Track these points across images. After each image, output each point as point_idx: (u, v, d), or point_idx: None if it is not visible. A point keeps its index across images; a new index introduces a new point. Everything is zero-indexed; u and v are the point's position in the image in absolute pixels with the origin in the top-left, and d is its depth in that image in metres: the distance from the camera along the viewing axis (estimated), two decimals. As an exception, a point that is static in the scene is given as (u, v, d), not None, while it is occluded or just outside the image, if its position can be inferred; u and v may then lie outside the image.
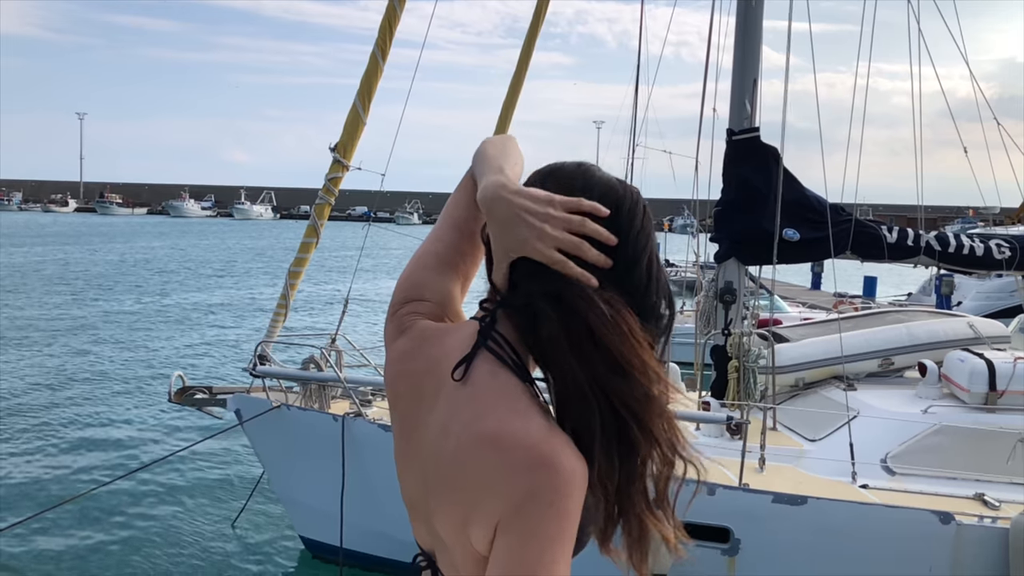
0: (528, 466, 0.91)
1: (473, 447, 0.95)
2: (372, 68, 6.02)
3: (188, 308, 22.30)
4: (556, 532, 0.91)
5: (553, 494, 0.90)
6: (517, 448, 0.92)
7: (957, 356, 6.04)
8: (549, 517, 0.91)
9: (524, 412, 0.95)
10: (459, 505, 0.96)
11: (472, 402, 0.97)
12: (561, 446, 0.93)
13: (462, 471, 0.96)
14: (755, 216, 6.57)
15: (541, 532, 0.91)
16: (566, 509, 0.91)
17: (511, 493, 0.91)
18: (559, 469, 0.91)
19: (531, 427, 0.93)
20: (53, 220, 79.75)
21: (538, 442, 0.92)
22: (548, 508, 0.90)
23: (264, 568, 6.43)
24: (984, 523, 4.72)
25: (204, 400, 6.20)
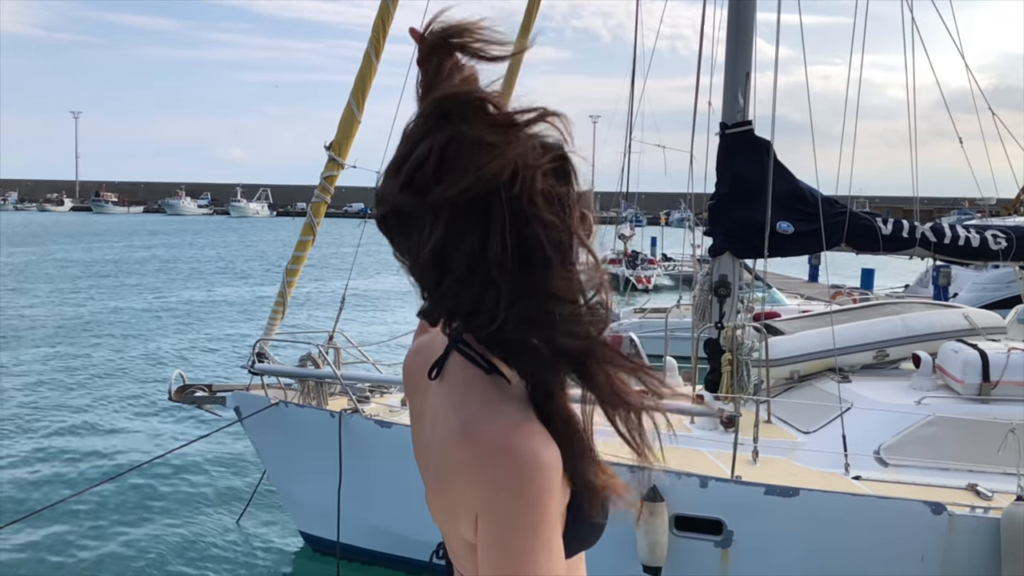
0: (493, 456, 0.92)
1: (449, 439, 0.97)
2: (366, 67, 6.04)
3: (187, 306, 22.32)
4: (530, 522, 0.90)
5: (519, 484, 0.91)
6: (483, 439, 0.93)
7: (951, 347, 6.08)
8: (518, 508, 0.91)
9: (494, 404, 0.96)
10: (446, 495, 0.99)
11: (449, 397, 1.00)
12: (528, 435, 0.93)
13: (445, 463, 0.98)
14: (749, 209, 6.60)
15: (515, 523, 0.91)
16: (535, 498, 0.91)
17: (481, 484, 0.93)
18: (522, 458, 0.91)
19: (498, 418, 0.95)
20: (50, 219, 79.60)
21: (501, 432, 0.93)
22: (517, 499, 0.91)
23: (266, 563, 6.48)
24: (976, 513, 4.76)
25: (204, 398, 6.24)
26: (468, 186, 0.88)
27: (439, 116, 0.92)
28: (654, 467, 1.07)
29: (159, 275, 30.78)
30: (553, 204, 0.91)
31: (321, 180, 6.21)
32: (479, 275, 0.90)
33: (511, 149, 0.89)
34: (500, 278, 0.90)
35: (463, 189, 0.88)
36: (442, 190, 0.88)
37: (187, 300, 23.68)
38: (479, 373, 0.99)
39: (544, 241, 0.90)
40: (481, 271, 0.90)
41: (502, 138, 0.89)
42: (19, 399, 11.45)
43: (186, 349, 15.90)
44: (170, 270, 32.86)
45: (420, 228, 0.91)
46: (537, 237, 0.90)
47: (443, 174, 0.89)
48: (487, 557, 0.93)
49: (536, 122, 0.92)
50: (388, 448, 5.59)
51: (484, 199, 0.88)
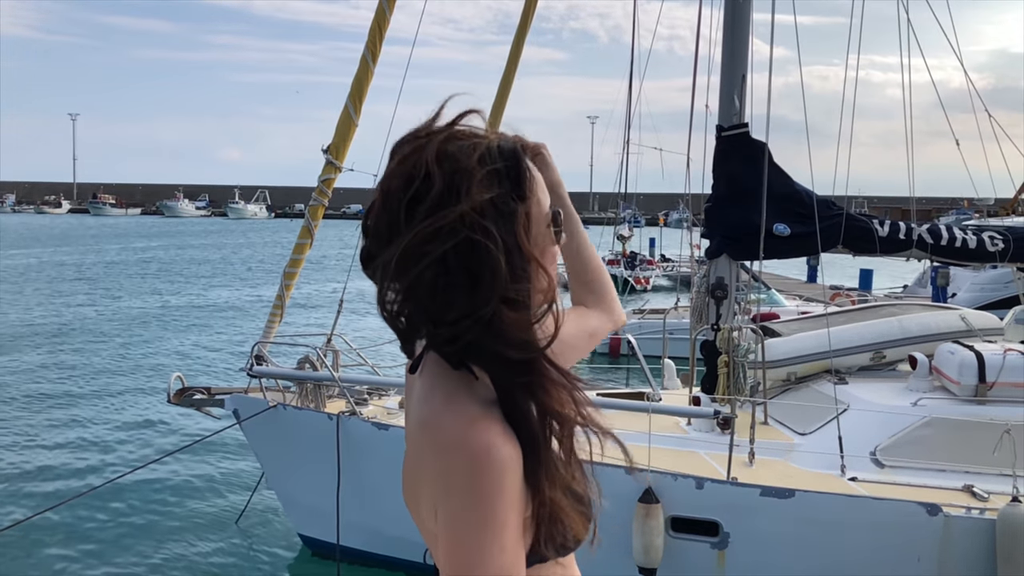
0: (445, 448, 0.93)
1: (414, 431, 1.01)
2: (363, 70, 6.06)
3: (186, 309, 22.32)
4: (478, 517, 0.90)
5: (468, 478, 0.91)
6: (440, 431, 0.94)
7: (947, 348, 6.09)
8: (468, 502, 0.91)
9: (456, 398, 0.96)
10: (414, 487, 1.02)
11: (420, 391, 1.02)
12: (483, 430, 0.93)
13: (411, 455, 1.02)
14: (745, 211, 6.62)
15: (464, 516, 0.91)
16: (484, 494, 0.90)
17: (437, 476, 0.94)
18: (474, 452, 0.91)
19: (457, 412, 0.95)
20: (48, 222, 79.56)
21: (457, 426, 0.93)
22: (466, 492, 0.91)
23: (265, 566, 6.49)
24: (972, 514, 4.78)
25: (203, 400, 6.25)
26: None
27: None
28: (647, 469, 1.09)
29: (158, 277, 30.76)
30: (500, 217, 0.93)
31: (319, 183, 6.24)
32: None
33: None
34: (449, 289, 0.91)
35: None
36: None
37: (186, 302, 23.67)
38: (447, 368, 0.99)
39: (488, 255, 0.91)
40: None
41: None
42: (18, 402, 11.45)
43: (185, 351, 15.90)
44: (169, 272, 32.85)
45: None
46: (484, 249, 0.91)
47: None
48: (443, 548, 0.94)
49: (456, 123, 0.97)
50: (386, 450, 5.60)
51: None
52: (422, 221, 0.90)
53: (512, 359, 0.95)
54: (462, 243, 0.90)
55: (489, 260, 0.90)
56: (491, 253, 0.90)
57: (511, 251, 0.92)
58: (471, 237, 0.89)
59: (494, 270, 0.90)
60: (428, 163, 0.93)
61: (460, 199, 0.90)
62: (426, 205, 0.91)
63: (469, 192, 0.91)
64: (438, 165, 0.92)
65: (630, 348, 6.75)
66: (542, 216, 1.00)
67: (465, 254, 0.90)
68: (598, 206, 43.53)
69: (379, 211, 0.95)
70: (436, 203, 0.91)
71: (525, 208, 0.96)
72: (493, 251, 0.90)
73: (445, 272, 0.90)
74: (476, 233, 0.90)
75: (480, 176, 0.92)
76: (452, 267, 0.90)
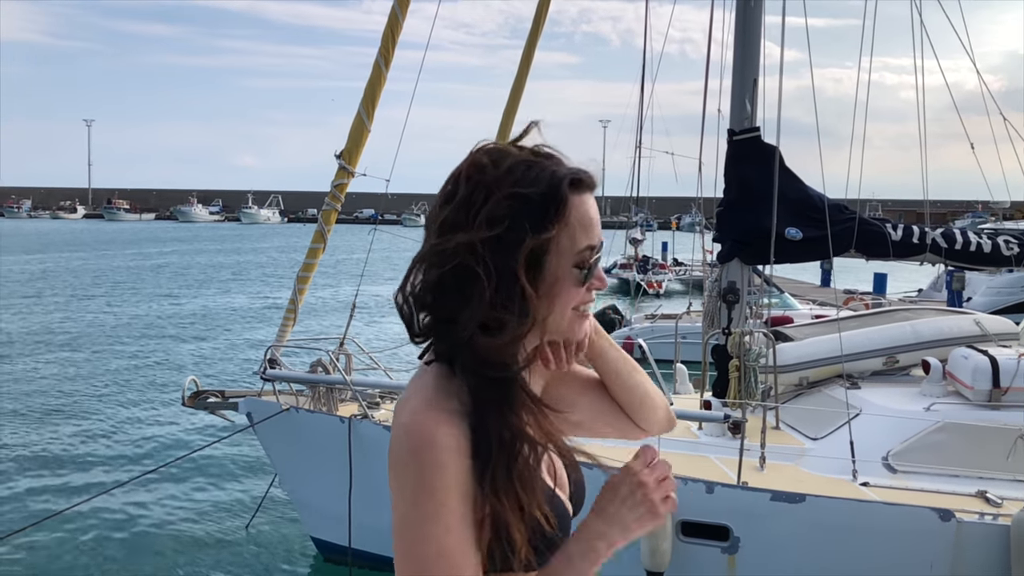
0: (396, 430, 1.00)
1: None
2: (376, 76, 6.10)
3: (200, 313, 22.48)
4: (412, 494, 0.95)
5: (406, 455, 0.97)
6: (399, 415, 1.02)
7: (961, 353, 6.04)
8: (406, 479, 0.96)
9: (422, 387, 1.03)
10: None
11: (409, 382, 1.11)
12: (430, 415, 0.98)
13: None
14: (757, 215, 6.60)
15: (402, 493, 0.97)
16: (420, 472, 0.95)
17: (391, 458, 1.00)
18: (414, 434, 0.97)
19: (416, 399, 1.01)
20: (64, 227, 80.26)
21: (410, 410, 1.00)
22: (404, 469, 0.96)
23: (277, 569, 6.52)
24: (985, 520, 4.73)
25: (217, 404, 6.30)
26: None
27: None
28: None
29: (173, 282, 30.99)
30: (501, 248, 0.97)
31: (332, 188, 6.28)
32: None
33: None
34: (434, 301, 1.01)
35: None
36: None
37: (200, 307, 23.83)
38: (439, 371, 1.05)
39: (476, 281, 0.97)
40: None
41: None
42: (34, 404, 11.57)
43: (200, 355, 16.02)
44: (183, 277, 33.08)
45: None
46: (474, 275, 0.96)
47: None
48: (393, 528, 1.00)
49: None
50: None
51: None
52: (436, 237, 0.99)
53: (486, 375, 1.00)
54: (458, 266, 0.96)
55: (476, 286, 0.96)
56: (479, 281, 0.96)
57: (502, 279, 0.97)
58: (465, 262, 0.96)
59: (479, 296, 0.96)
60: (462, 170, 1.01)
61: (476, 213, 0.97)
62: (448, 210, 0.99)
63: (485, 206, 0.97)
64: (467, 175, 1.00)
65: (641, 352, 6.74)
66: (571, 251, 1.02)
67: (459, 276, 0.97)
68: (610, 210, 43.58)
69: (432, 205, 1.05)
70: (456, 210, 0.98)
71: (540, 240, 0.98)
72: (481, 279, 0.96)
73: (441, 285, 0.98)
74: (471, 260, 0.96)
75: (502, 195, 0.97)
76: (447, 283, 0.98)
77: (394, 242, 5.60)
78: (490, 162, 1.00)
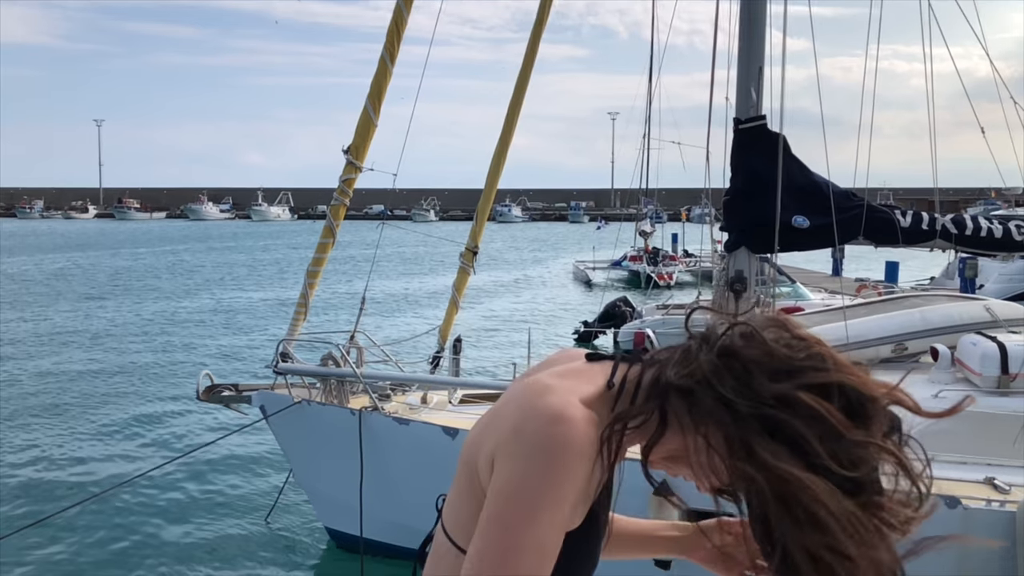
0: (534, 408, 0.98)
1: (518, 385, 1.08)
2: (381, 71, 6.15)
3: (213, 309, 22.66)
4: (544, 480, 0.94)
5: (546, 438, 0.95)
6: (540, 393, 1.00)
7: (970, 340, 6.04)
8: (538, 462, 0.95)
9: (580, 396, 1.01)
10: (482, 433, 1.06)
11: (564, 367, 1.12)
12: (579, 412, 0.98)
13: (499, 404, 1.09)
14: (764, 204, 6.60)
15: (529, 476, 0.95)
16: (559, 458, 0.94)
17: (512, 428, 0.98)
18: (562, 419, 0.96)
19: (568, 393, 1.00)
20: (75, 227, 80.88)
21: (558, 398, 0.99)
22: (539, 451, 0.95)
23: (293, 559, 6.62)
24: (992, 507, 4.74)
25: (231, 397, 6.39)
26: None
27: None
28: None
29: (187, 280, 31.22)
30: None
31: (340, 183, 6.35)
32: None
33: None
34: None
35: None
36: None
37: (215, 303, 24.02)
38: (602, 380, 1.06)
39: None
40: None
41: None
42: (51, 400, 11.74)
43: (214, 351, 16.17)
44: (197, 275, 33.31)
45: None
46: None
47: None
48: (491, 497, 0.98)
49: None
50: (407, 445, 5.69)
51: None
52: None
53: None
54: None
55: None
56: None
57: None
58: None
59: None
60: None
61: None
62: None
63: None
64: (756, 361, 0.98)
65: (651, 343, 6.78)
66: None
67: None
68: (620, 202, 43.51)
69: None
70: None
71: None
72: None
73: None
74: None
75: (757, 372, 0.96)
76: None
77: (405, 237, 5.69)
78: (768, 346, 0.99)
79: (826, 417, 0.92)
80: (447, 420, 5.80)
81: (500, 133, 7.12)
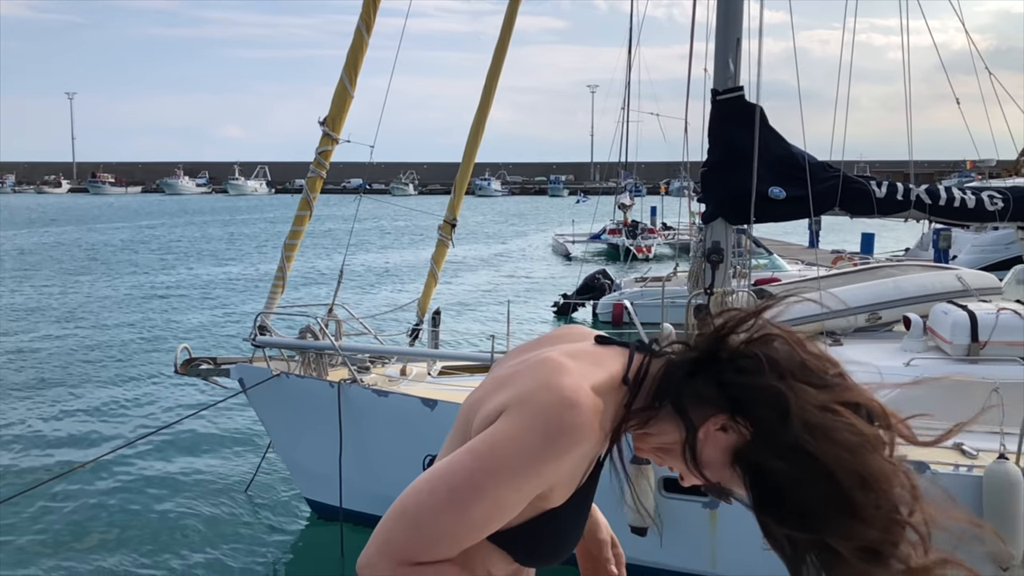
0: (548, 383, 1.00)
1: (535, 358, 1.07)
2: (357, 42, 6.09)
3: (191, 284, 22.47)
4: (525, 447, 0.96)
5: (549, 410, 0.97)
6: (554, 370, 1.02)
7: (941, 308, 6.13)
8: (531, 428, 0.96)
9: (591, 381, 1.02)
10: (487, 393, 1.08)
11: (577, 347, 1.14)
12: (590, 400, 0.99)
13: (521, 372, 1.08)
14: (741, 175, 6.63)
15: (517, 435, 0.96)
16: (552, 435, 0.96)
17: (522, 393, 0.99)
18: (570, 402, 0.97)
19: (582, 378, 1.01)
20: (49, 202, 79.59)
21: (571, 380, 1.00)
22: (536, 420, 0.96)
23: (274, 529, 6.66)
24: (960, 471, 4.85)
25: (209, 370, 6.37)
26: None
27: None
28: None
29: (164, 254, 30.92)
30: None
31: (316, 155, 6.30)
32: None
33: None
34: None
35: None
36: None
37: (192, 278, 23.84)
38: (613, 367, 1.07)
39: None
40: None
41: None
42: (27, 376, 11.63)
43: (192, 325, 16.09)
44: (175, 249, 32.98)
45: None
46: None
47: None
48: (476, 438, 0.99)
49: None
50: (386, 416, 5.72)
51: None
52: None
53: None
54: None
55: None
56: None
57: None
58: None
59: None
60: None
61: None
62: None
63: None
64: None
65: (628, 314, 6.83)
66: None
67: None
68: (599, 176, 43.52)
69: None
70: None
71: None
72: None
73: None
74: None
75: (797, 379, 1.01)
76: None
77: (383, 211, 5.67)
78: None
79: (865, 432, 0.99)
80: (426, 392, 5.82)
81: (478, 105, 7.08)
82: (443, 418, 5.33)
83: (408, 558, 0.95)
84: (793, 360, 1.01)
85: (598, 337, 1.15)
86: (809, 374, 1.00)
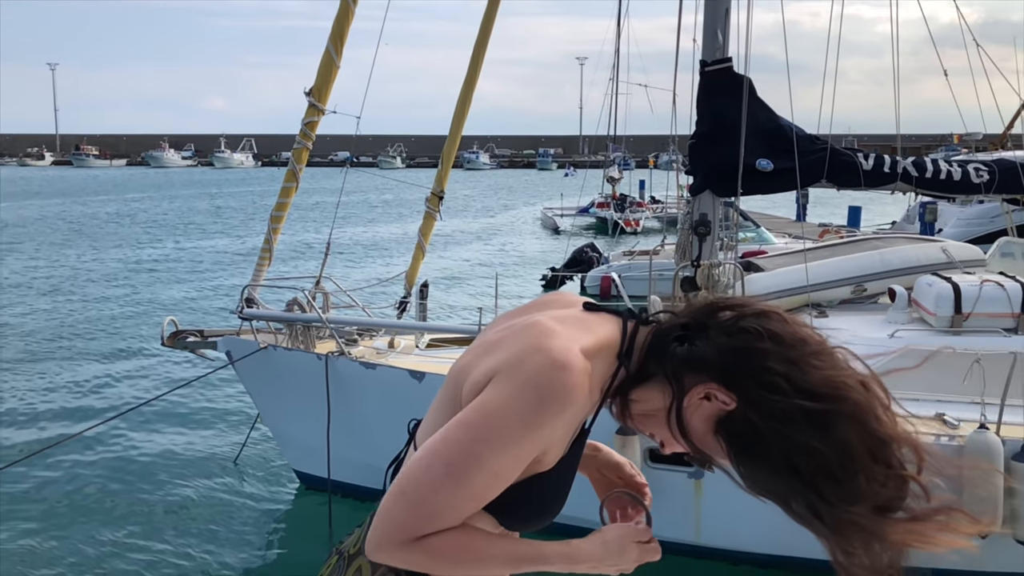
0: (537, 346, 1.02)
1: (522, 322, 1.11)
2: (343, 11, 6.01)
3: (177, 257, 22.35)
4: (520, 409, 0.97)
5: (540, 373, 0.99)
6: (544, 335, 1.05)
7: (926, 280, 6.18)
8: (522, 392, 0.99)
9: (582, 345, 1.05)
10: (478, 355, 1.11)
11: (566, 313, 1.17)
12: (581, 362, 1.01)
13: (511, 336, 1.11)
14: (729, 148, 6.62)
15: (509, 402, 0.98)
16: (543, 396, 0.97)
17: (511, 357, 1.02)
18: (561, 364, 0.99)
19: (573, 343, 1.04)
20: (33, 174, 78.64)
21: (563, 344, 1.02)
22: (528, 384, 0.98)
23: (263, 499, 6.68)
24: (941, 441, 4.92)
25: (196, 343, 6.35)
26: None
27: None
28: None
29: (151, 227, 30.69)
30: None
31: (302, 126, 6.24)
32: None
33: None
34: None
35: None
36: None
37: (179, 251, 23.71)
38: (601, 332, 1.09)
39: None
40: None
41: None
42: (15, 348, 11.57)
43: (179, 298, 16.04)
44: (159, 222, 32.73)
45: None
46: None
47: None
48: (467, 408, 1.01)
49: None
50: (374, 389, 5.73)
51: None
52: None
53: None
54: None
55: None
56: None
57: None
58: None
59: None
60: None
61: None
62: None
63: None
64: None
65: (615, 287, 6.85)
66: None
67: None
68: (588, 149, 43.34)
69: None
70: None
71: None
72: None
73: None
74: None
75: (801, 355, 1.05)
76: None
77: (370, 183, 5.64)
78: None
79: (867, 398, 1.07)
80: (414, 364, 5.84)
81: (465, 77, 7.02)
82: (431, 390, 5.33)
83: (413, 535, 0.98)
84: (789, 332, 1.03)
85: (586, 303, 1.15)
86: (805, 345, 1.02)
